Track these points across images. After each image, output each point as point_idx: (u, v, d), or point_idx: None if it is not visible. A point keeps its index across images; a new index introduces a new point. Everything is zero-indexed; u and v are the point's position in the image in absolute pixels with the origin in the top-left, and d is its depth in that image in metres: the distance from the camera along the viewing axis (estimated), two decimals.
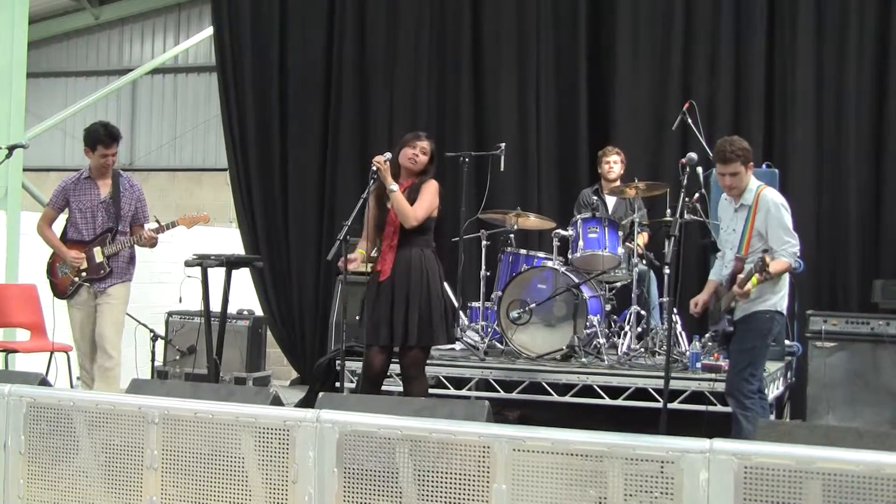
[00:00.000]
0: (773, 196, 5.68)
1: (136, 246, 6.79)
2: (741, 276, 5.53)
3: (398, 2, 9.77)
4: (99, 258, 6.65)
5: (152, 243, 6.80)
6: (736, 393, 5.70)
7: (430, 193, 5.85)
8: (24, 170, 9.77)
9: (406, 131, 6.54)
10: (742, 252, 5.63)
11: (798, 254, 5.69)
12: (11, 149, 7.01)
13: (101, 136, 6.65)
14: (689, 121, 7.62)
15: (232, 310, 8.44)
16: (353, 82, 9.83)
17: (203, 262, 7.43)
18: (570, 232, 7.45)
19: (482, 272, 7.76)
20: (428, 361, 6.15)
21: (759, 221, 5.62)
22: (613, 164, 8.03)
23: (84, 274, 6.67)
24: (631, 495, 3.15)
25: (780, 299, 5.71)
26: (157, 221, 6.84)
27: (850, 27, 8.46)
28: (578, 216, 7.52)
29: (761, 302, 5.65)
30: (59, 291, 6.78)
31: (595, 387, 6.83)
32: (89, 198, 6.73)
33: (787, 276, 5.77)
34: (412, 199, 5.79)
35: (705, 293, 5.94)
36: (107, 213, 6.72)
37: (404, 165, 5.90)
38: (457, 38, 9.56)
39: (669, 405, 5.81)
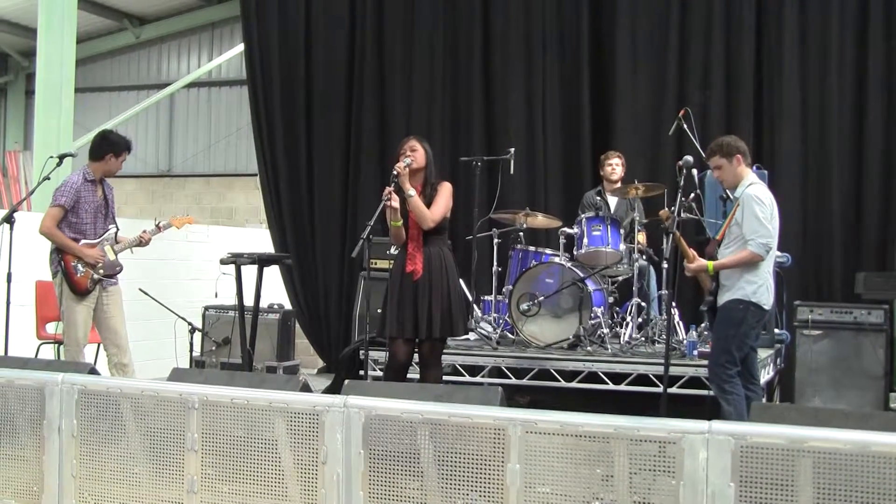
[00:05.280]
0: (753, 191, 5.61)
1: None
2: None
3: (413, 19, 9.74)
4: (111, 256, 6.52)
5: (147, 243, 6.72)
6: (716, 379, 5.69)
7: (445, 197, 5.79)
8: None
9: None
10: (718, 236, 5.67)
11: (769, 245, 5.52)
12: (61, 157, 7.02)
13: (128, 145, 6.67)
14: (685, 127, 7.58)
15: (263, 304, 8.46)
16: (372, 94, 9.82)
17: (237, 260, 7.45)
18: (575, 230, 7.42)
19: (494, 268, 7.75)
20: (445, 351, 6.14)
21: (738, 213, 5.61)
22: (615, 166, 8.02)
23: (102, 271, 6.46)
24: (635, 473, 3.14)
25: (754, 291, 5.57)
26: (157, 224, 6.73)
27: (831, 40, 8.42)
28: (583, 215, 7.49)
29: (733, 292, 5.60)
30: (80, 290, 6.41)
31: (599, 373, 6.82)
32: (93, 199, 6.53)
33: (767, 269, 5.65)
34: (430, 200, 5.75)
35: None
36: (103, 214, 6.58)
37: (409, 169, 5.80)
38: (468, 51, 9.53)
39: (669, 390, 5.81)
